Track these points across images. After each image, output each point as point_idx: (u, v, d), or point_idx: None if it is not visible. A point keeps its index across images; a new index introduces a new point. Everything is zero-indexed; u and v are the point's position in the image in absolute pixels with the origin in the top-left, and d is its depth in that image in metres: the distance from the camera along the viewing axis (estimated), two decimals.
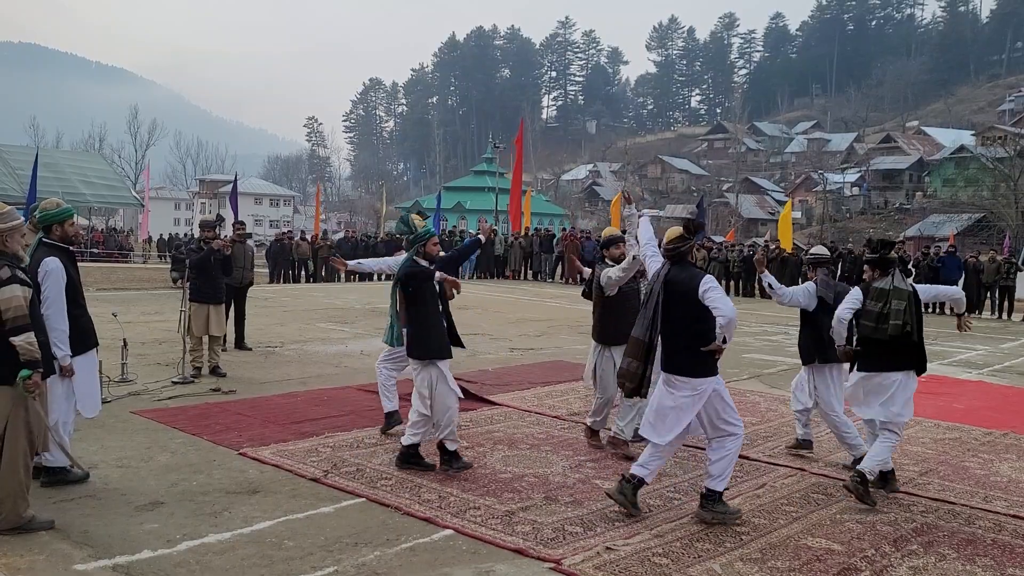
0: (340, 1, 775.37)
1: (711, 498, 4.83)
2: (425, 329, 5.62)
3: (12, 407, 4.27)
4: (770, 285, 6.21)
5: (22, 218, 4.55)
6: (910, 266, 20.24)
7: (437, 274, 5.66)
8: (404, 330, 5.77)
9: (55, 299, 4.76)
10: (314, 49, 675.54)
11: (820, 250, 6.72)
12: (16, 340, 4.18)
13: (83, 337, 5.11)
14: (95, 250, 33.27)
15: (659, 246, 5.26)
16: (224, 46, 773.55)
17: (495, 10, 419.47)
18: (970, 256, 21.71)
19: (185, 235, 43.99)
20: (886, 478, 5.54)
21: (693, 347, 4.78)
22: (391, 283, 5.97)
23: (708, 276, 4.88)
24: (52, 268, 4.84)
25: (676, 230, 4.96)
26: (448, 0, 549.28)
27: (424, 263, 5.72)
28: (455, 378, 5.70)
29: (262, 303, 15.87)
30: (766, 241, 14.74)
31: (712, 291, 4.74)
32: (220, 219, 9.77)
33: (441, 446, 5.66)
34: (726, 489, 4.91)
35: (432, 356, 5.60)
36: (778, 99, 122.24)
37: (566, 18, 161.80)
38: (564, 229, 39.48)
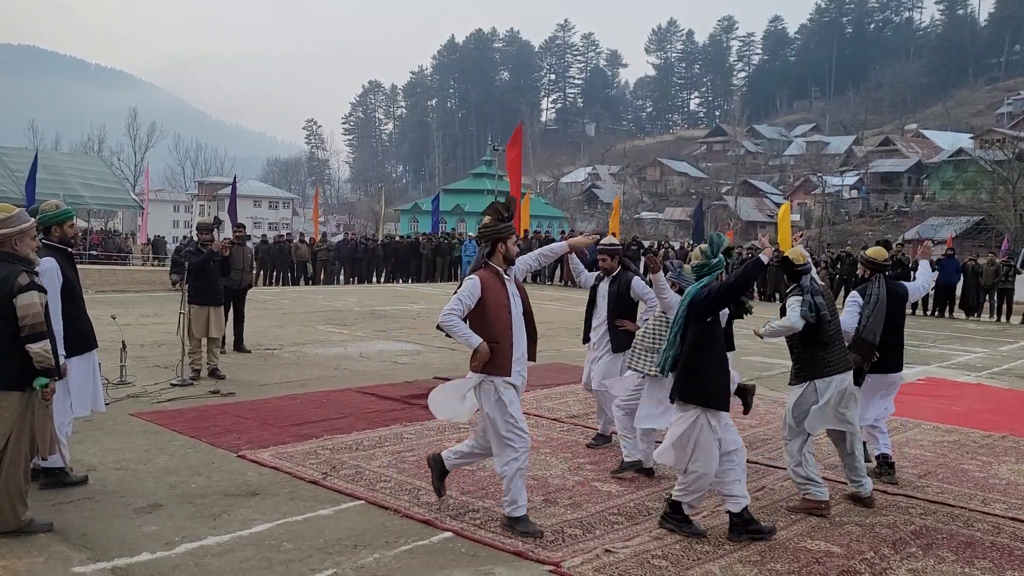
0: (340, 1, 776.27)
1: None
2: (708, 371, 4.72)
3: (21, 412, 4.27)
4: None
5: (33, 220, 4.55)
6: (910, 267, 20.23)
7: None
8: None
9: (49, 299, 4.75)
10: (314, 50, 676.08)
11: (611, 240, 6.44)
12: (33, 347, 4.19)
13: (82, 339, 5.12)
14: (94, 252, 33.23)
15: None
16: (224, 47, 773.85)
17: (494, 12, 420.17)
18: (968, 259, 21.70)
19: (185, 237, 43.77)
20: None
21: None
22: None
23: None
24: (47, 268, 4.83)
25: (882, 251, 5.81)
26: (447, 1, 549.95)
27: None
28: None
29: (261, 305, 15.86)
30: (765, 244, 14.58)
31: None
32: (218, 221, 9.74)
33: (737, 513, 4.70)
34: None
35: (710, 404, 4.67)
36: (777, 102, 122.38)
37: (565, 21, 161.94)
38: (563, 232, 39.52)
